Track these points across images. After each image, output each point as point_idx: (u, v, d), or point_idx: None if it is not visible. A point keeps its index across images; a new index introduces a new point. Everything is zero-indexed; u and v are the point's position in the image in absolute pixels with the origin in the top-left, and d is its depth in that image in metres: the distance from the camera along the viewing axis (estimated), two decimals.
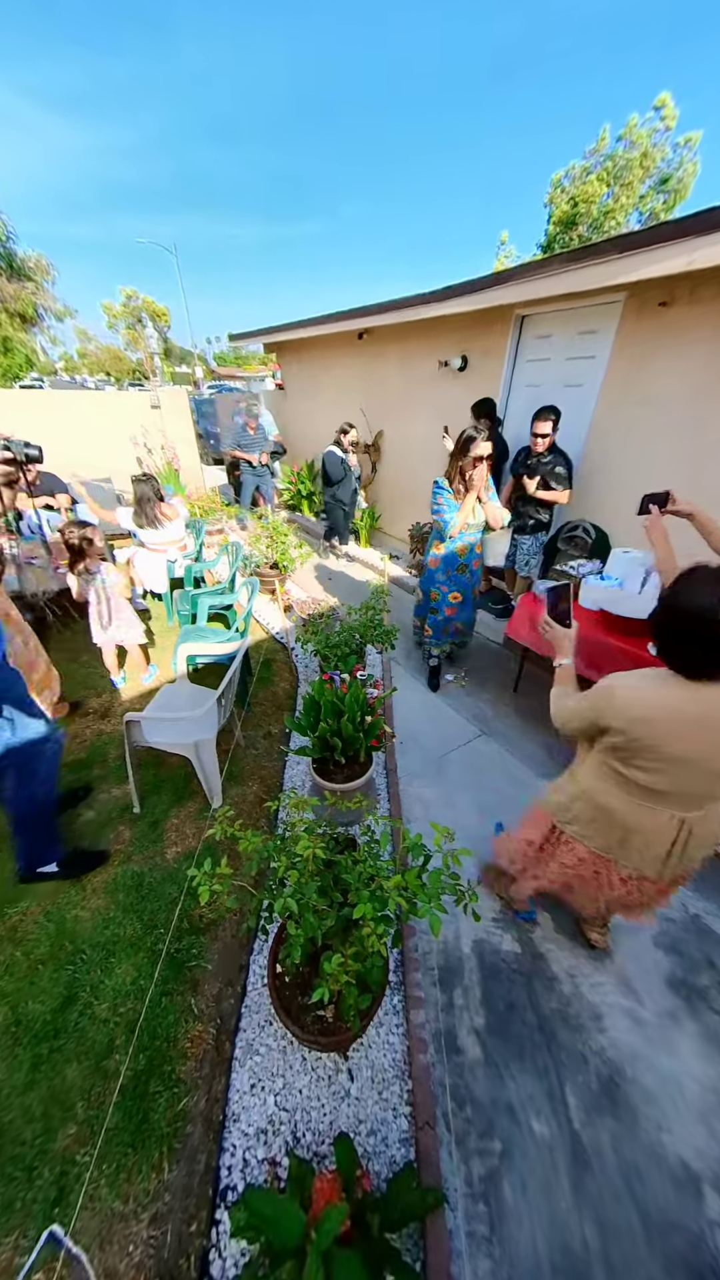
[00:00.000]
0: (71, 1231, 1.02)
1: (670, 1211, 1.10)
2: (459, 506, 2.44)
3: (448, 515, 2.46)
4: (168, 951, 1.52)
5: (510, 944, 1.66)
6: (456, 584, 2.73)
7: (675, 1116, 1.25)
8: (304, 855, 1.12)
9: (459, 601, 2.77)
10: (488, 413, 3.61)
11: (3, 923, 1.61)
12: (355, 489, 5.14)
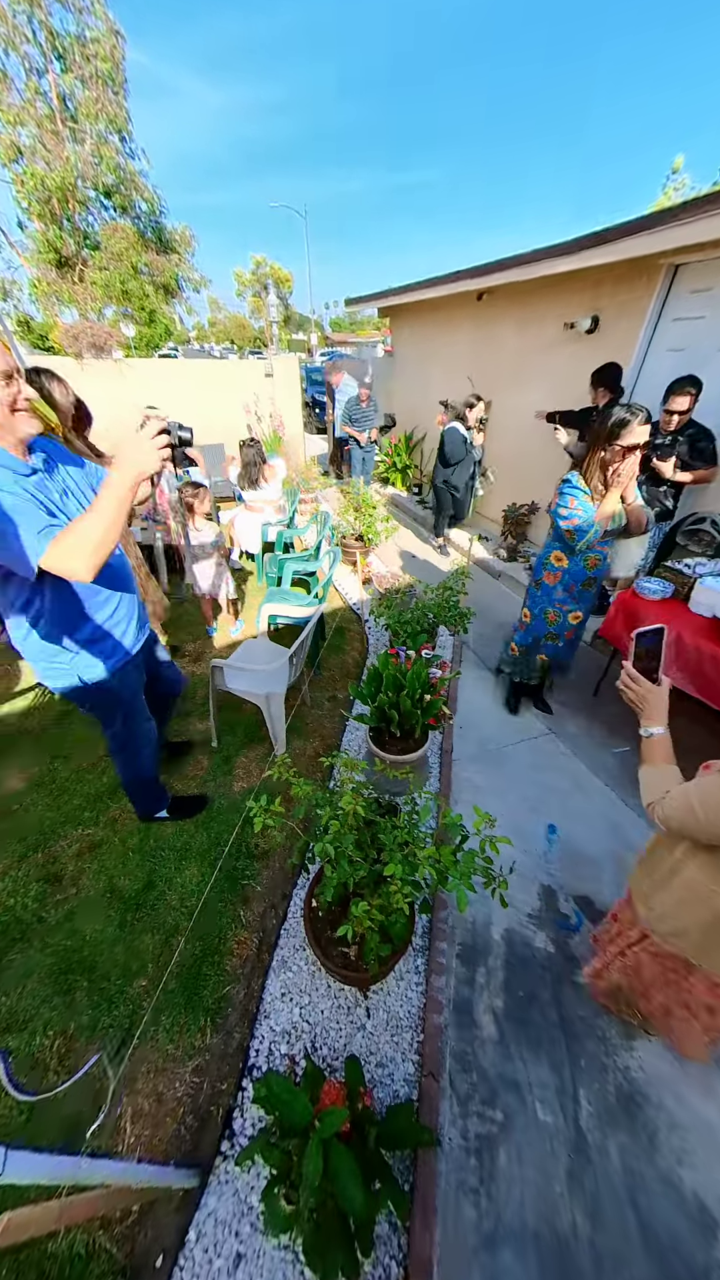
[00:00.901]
0: (131, 1058, 1.30)
1: (675, 1236, 1.07)
2: (596, 510, 1.90)
3: (583, 521, 1.91)
4: (225, 867, 1.76)
5: (544, 942, 1.64)
6: (583, 601, 2.20)
7: (703, 1156, 1.19)
8: (346, 810, 1.22)
9: (579, 622, 2.26)
10: (608, 382, 3.21)
11: (105, 814, 1.98)
12: (473, 473, 4.59)
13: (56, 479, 1.18)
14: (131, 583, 1.44)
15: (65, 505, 1.17)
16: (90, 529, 0.99)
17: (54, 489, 1.15)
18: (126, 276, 11.94)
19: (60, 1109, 1.20)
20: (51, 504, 1.11)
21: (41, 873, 1.76)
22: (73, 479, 1.23)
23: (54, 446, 1.23)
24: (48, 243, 11.08)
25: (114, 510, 0.99)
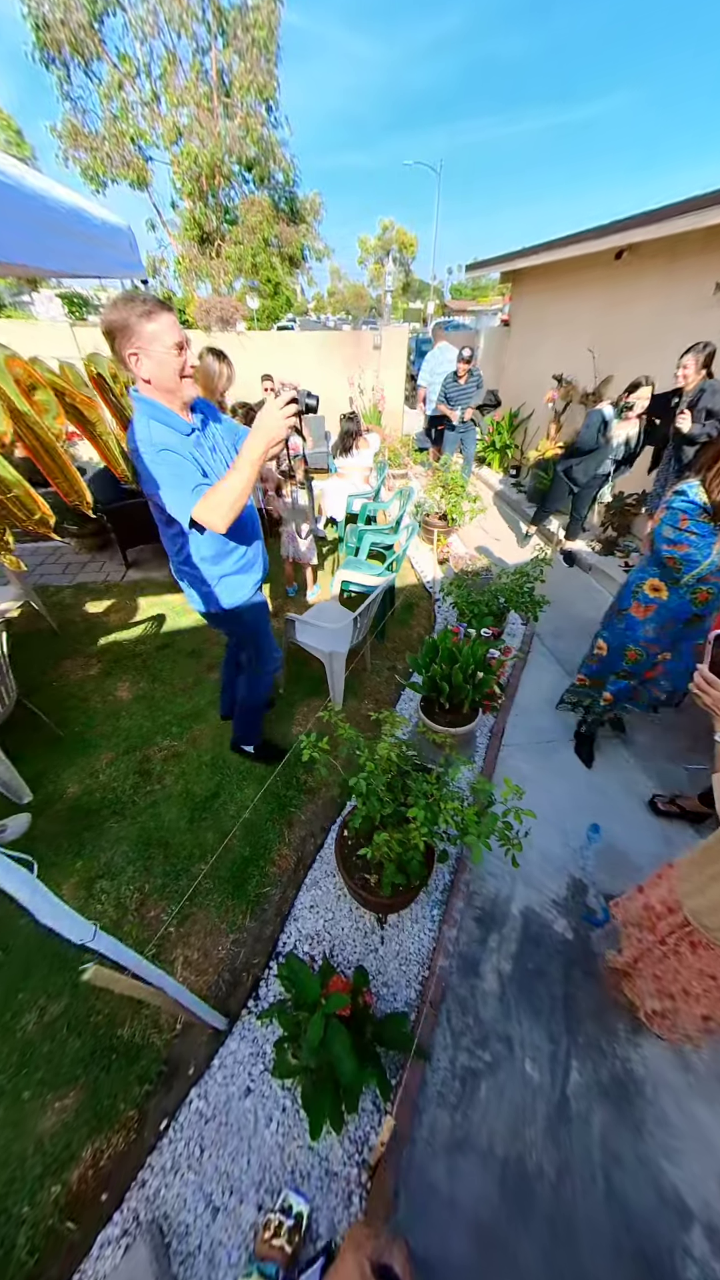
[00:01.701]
0: (188, 920, 1.60)
1: (643, 1213, 1.11)
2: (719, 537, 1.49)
3: (697, 549, 1.53)
4: (277, 796, 2.02)
5: (563, 929, 1.66)
6: (682, 645, 1.81)
7: (690, 1159, 1.19)
8: (382, 755, 1.35)
9: (669, 661, 1.87)
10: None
11: (189, 732, 2.35)
12: (607, 474, 3.73)
13: (208, 435, 1.35)
14: (259, 531, 1.61)
15: (213, 460, 1.34)
16: (229, 489, 1.13)
17: (205, 444, 1.33)
18: (257, 249, 12.48)
19: (127, 941, 1.54)
20: (203, 459, 1.28)
21: (137, 767, 2.17)
22: (219, 435, 1.41)
23: (208, 407, 1.40)
24: (193, 220, 11.92)
25: (249, 472, 1.11)
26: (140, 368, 1.15)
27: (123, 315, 1.07)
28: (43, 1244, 1.04)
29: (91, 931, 0.79)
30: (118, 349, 1.12)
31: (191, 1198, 1.11)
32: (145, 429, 1.20)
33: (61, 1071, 1.28)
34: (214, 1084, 1.28)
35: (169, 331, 1.11)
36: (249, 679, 1.95)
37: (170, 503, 1.21)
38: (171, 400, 1.23)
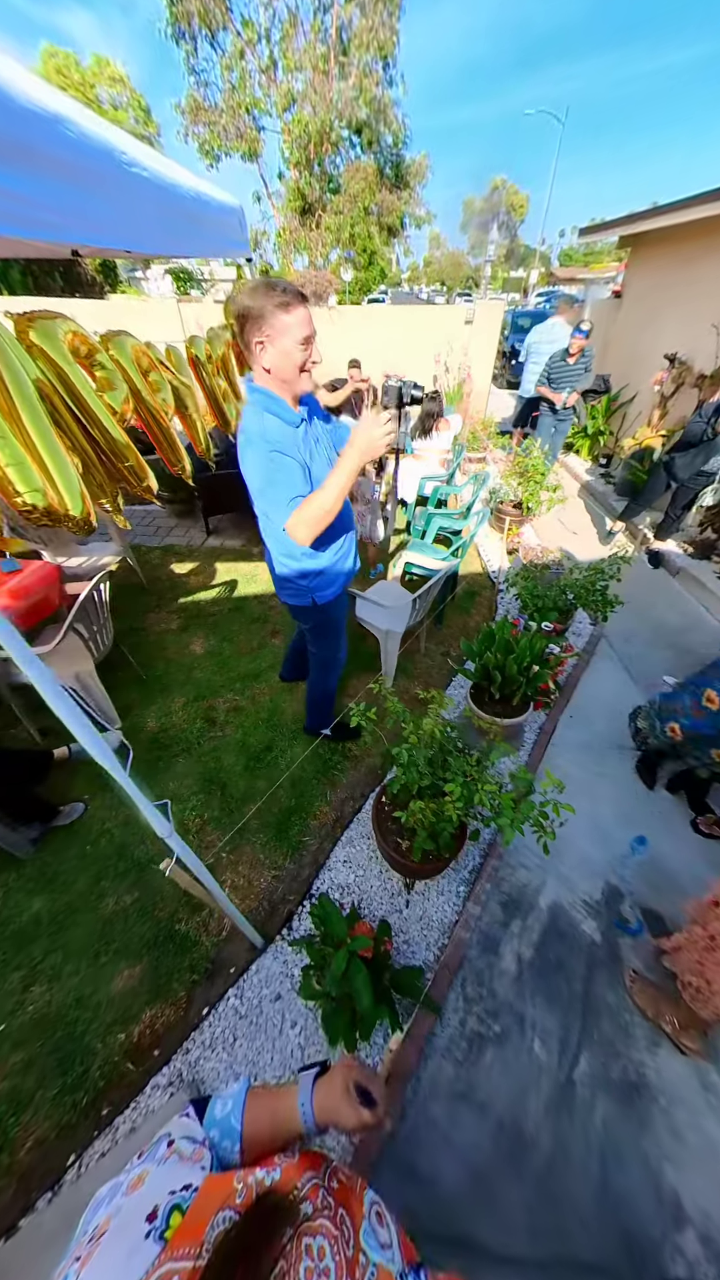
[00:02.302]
0: (236, 849, 1.81)
1: (635, 1204, 1.14)
2: None
3: None
4: (323, 754, 2.17)
5: (592, 930, 1.65)
6: None
7: (696, 1172, 1.19)
8: (426, 730, 1.42)
9: None
10: None
11: (250, 689, 2.56)
12: (714, 472, 3.43)
13: (312, 430, 1.34)
14: (353, 522, 1.61)
15: (316, 453, 1.32)
16: (319, 505, 1.13)
17: (309, 439, 1.32)
18: (356, 219, 12.27)
19: None
20: (305, 454, 1.26)
21: (203, 715, 2.42)
22: (321, 431, 1.41)
23: (312, 400, 1.40)
24: (297, 190, 11.95)
25: (341, 487, 1.11)
26: (264, 356, 1.14)
27: (259, 303, 1.06)
28: (110, 1074, 1.30)
29: (169, 829, 0.96)
30: (245, 334, 1.11)
31: (223, 1073, 1.31)
32: (259, 422, 1.20)
33: (130, 948, 1.54)
34: (249, 987, 1.47)
35: (301, 325, 1.10)
36: (320, 671, 2.00)
37: (268, 508, 1.21)
38: (285, 391, 1.23)
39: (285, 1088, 0.58)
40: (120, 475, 1.06)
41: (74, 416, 0.94)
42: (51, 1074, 1.30)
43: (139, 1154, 0.45)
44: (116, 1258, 0.33)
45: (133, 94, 14.18)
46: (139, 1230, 0.35)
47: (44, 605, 2.25)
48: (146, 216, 1.19)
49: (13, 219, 0.72)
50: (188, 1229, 0.35)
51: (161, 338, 1.77)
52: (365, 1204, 0.50)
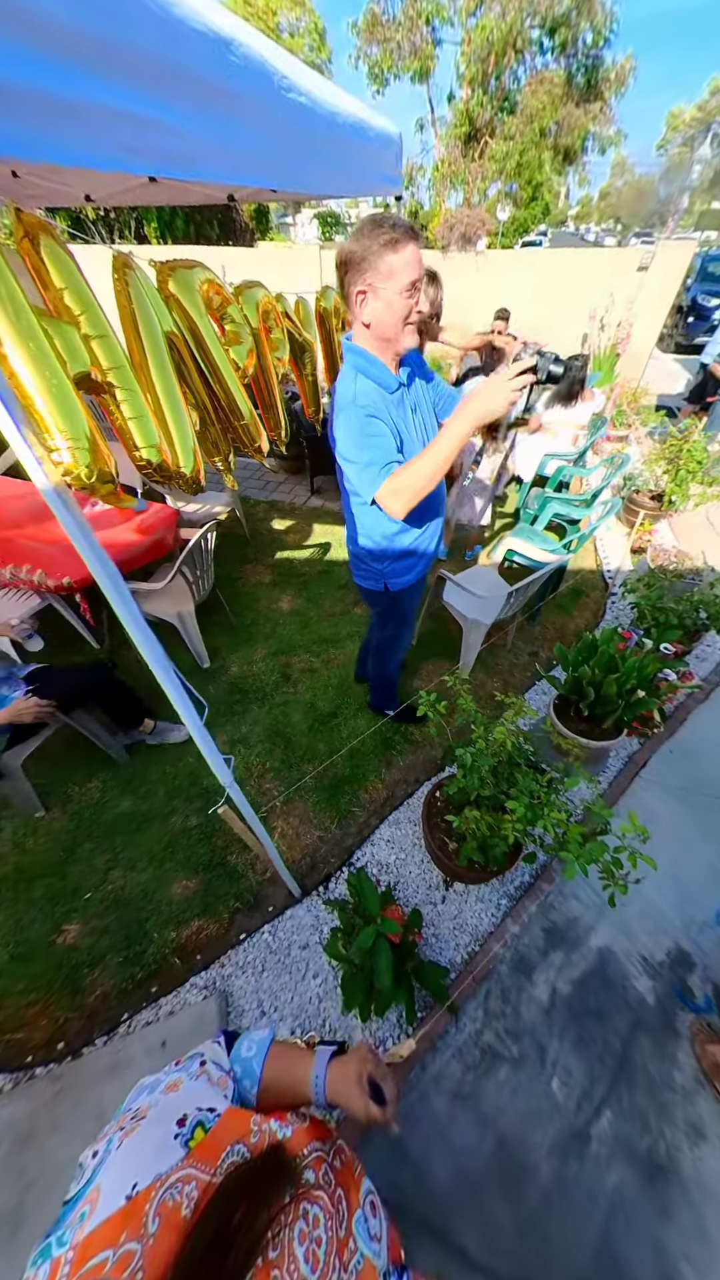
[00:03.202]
0: (289, 803, 1.91)
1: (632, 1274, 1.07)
2: None
3: None
4: (385, 733, 2.17)
5: (645, 990, 1.49)
6: None
7: None
8: (497, 738, 1.32)
9: None
10: None
11: (326, 654, 2.62)
12: None
13: (411, 393, 1.23)
14: (443, 506, 1.49)
15: (411, 421, 1.21)
16: (418, 474, 1.04)
17: (407, 403, 1.21)
18: (527, 144, 10.78)
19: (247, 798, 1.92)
20: (401, 421, 1.17)
21: (280, 669, 2.54)
22: (422, 394, 1.27)
23: (416, 359, 1.26)
24: (465, 114, 10.78)
25: (446, 454, 1.01)
26: (364, 308, 1.03)
27: (364, 245, 0.95)
28: (160, 961, 1.51)
29: (229, 780, 1.03)
30: (347, 284, 1.02)
31: (250, 995, 1.45)
32: (352, 385, 1.11)
33: (190, 864, 1.74)
34: (282, 929, 1.59)
35: (409, 268, 0.96)
36: (380, 654, 1.95)
37: (356, 477, 1.13)
38: (385, 350, 1.11)
39: (304, 1053, 0.61)
40: (235, 433, 1.07)
41: (199, 371, 0.95)
42: (118, 945, 1.55)
43: (176, 1061, 0.51)
44: (150, 1144, 0.39)
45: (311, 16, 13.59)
46: (169, 1129, 0.40)
47: (161, 545, 2.48)
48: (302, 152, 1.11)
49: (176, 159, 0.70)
50: (207, 1147, 0.40)
51: (298, 288, 1.73)
52: (361, 1192, 0.51)
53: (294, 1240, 0.39)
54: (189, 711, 0.88)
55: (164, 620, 2.33)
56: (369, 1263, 0.45)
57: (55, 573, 2.04)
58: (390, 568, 1.48)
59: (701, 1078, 1.31)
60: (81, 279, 0.68)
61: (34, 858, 1.75)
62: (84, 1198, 0.36)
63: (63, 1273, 0.32)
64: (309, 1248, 0.40)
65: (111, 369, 0.69)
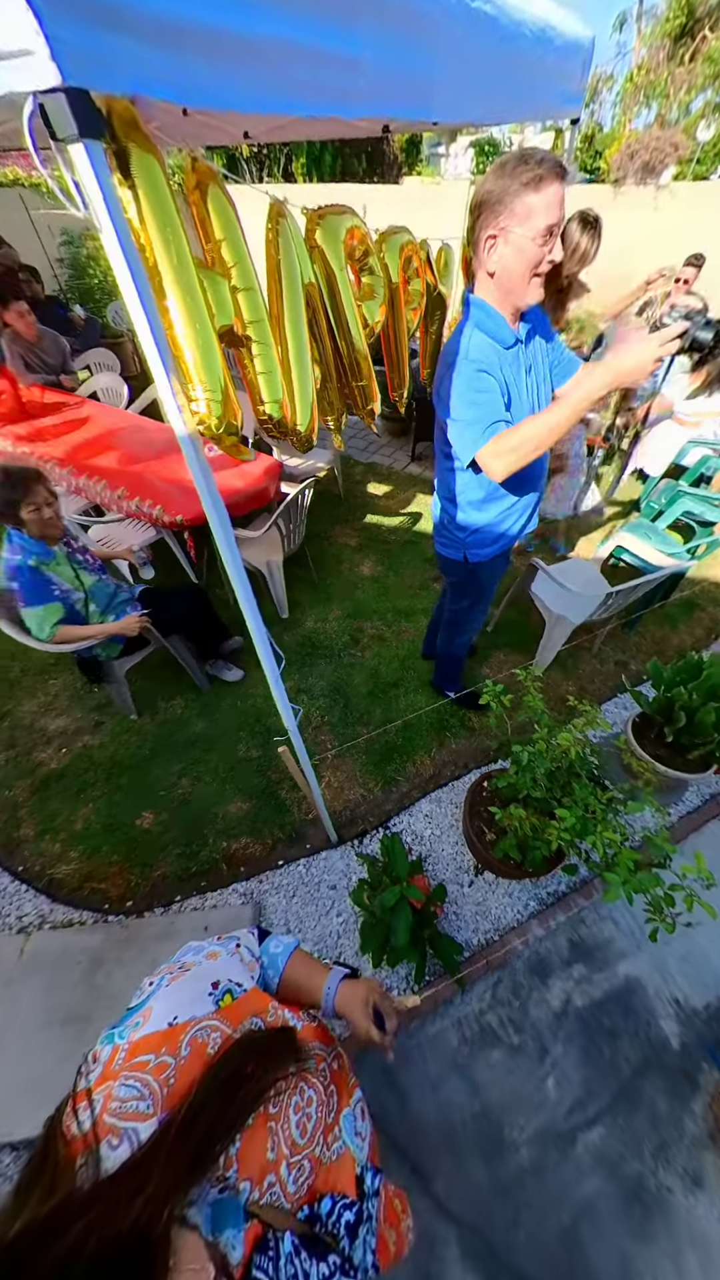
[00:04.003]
0: (338, 759, 2.02)
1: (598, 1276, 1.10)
2: None
3: None
4: (443, 714, 2.17)
5: (671, 1032, 1.41)
6: None
7: None
8: (560, 743, 1.26)
9: None
10: None
11: (398, 625, 2.63)
12: None
13: (528, 351, 1.15)
14: (542, 478, 1.41)
15: (524, 382, 1.15)
16: (532, 436, 0.98)
17: (522, 363, 1.14)
18: None
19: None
20: (513, 381, 1.11)
21: (351, 632, 2.61)
22: (540, 355, 1.19)
23: (538, 315, 1.17)
24: (684, 2, 8.79)
25: (568, 417, 0.94)
26: (491, 256, 0.97)
27: (503, 184, 0.87)
28: (210, 863, 1.74)
29: (294, 727, 1.11)
30: (478, 229, 0.96)
31: (280, 913, 1.63)
32: (468, 339, 1.06)
33: (245, 789, 1.94)
34: (315, 866, 1.74)
35: (549, 210, 0.88)
36: (450, 629, 1.91)
37: (457, 436, 1.09)
38: (506, 302, 1.04)
39: (322, 966, 0.68)
40: (351, 393, 1.07)
41: (328, 326, 0.95)
42: (180, 840, 1.80)
43: (217, 936, 0.61)
44: (189, 993, 0.47)
45: None
46: (205, 987, 0.48)
47: (263, 495, 2.60)
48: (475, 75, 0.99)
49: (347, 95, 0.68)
50: (232, 1011, 0.47)
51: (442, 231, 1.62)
52: (353, 1098, 0.59)
53: (290, 1107, 0.46)
54: (268, 657, 0.96)
55: (253, 568, 2.49)
56: (349, 1152, 0.52)
57: (172, 509, 2.24)
58: (473, 537, 1.43)
59: (714, 1134, 1.24)
60: (239, 231, 0.70)
61: (126, 752, 2.06)
62: (140, 1011, 0.45)
63: (119, 1058, 0.41)
64: (301, 1118, 0.47)
65: (252, 322, 0.72)
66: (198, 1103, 0.38)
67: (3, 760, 2.03)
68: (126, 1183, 0.33)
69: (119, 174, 0.51)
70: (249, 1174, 0.40)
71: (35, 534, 1.64)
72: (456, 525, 1.42)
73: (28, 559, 1.64)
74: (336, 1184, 0.48)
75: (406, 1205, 0.59)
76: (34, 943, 1.51)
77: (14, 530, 1.63)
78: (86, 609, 1.82)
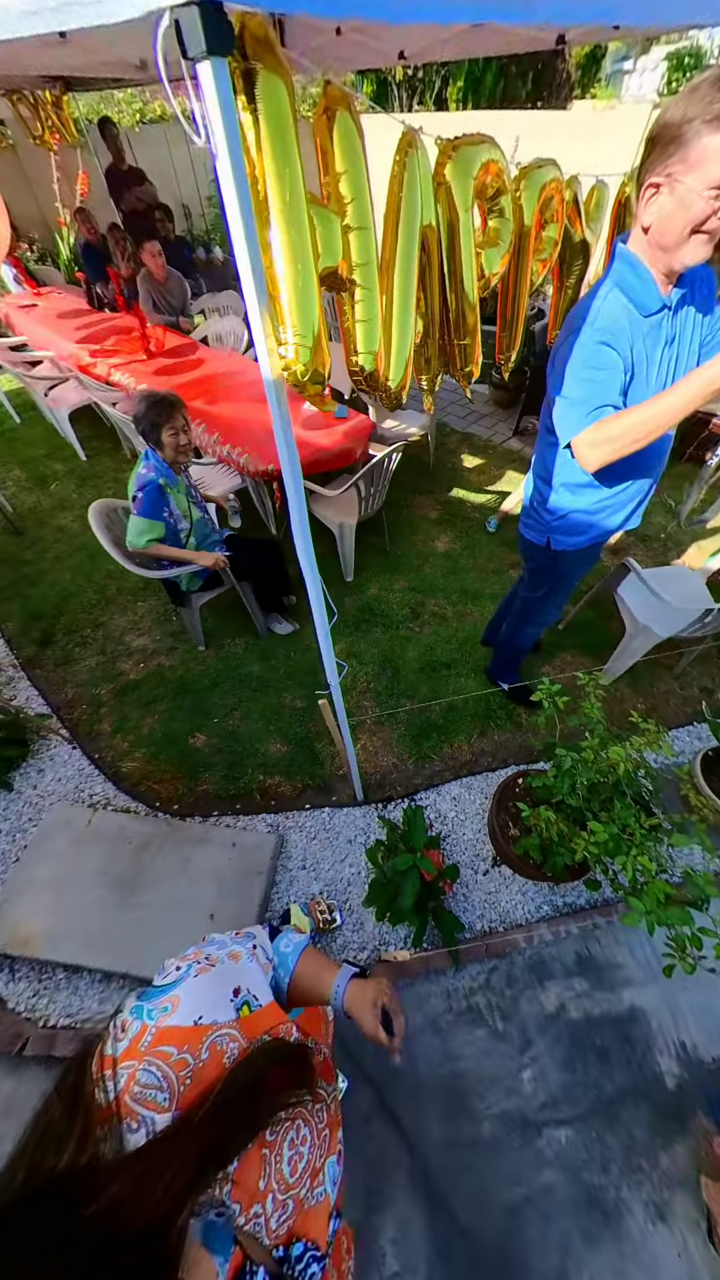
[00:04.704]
0: (375, 724, 2.06)
1: (533, 1259, 1.14)
2: None
3: None
4: (490, 704, 2.11)
5: (668, 1067, 1.35)
6: None
7: None
8: (612, 758, 1.18)
9: None
10: None
11: (462, 607, 2.56)
12: None
13: (674, 322, 1.00)
14: (658, 468, 1.25)
15: (658, 357, 1.01)
16: (635, 425, 0.89)
17: (663, 334, 0.99)
18: None
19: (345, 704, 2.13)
20: (645, 353, 0.99)
21: (413, 605, 2.58)
22: (691, 324, 1.03)
23: (705, 277, 0.98)
24: None
25: (680, 408, 0.83)
26: (649, 207, 0.83)
27: (683, 114, 0.71)
28: (246, 789, 1.90)
29: (335, 682, 1.15)
30: (643, 172, 0.82)
31: (299, 850, 1.75)
32: (601, 301, 0.95)
33: (286, 733, 2.06)
34: (339, 817, 1.83)
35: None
36: (518, 617, 1.81)
37: (561, 415, 0.99)
38: (659, 260, 0.90)
39: (331, 964, 0.68)
40: (450, 352, 1.00)
41: (441, 275, 0.89)
42: (224, 764, 1.98)
43: (236, 933, 0.62)
44: (213, 995, 0.48)
45: None
46: (228, 992, 0.49)
47: (349, 454, 2.59)
48: None
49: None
50: (249, 1023, 0.48)
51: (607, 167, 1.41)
52: (338, 1138, 0.58)
53: (284, 1142, 0.45)
54: (320, 611, 0.99)
55: (326, 527, 2.52)
56: (328, 1198, 0.52)
57: (265, 458, 2.31)
58: (561, 522, 1.32)
59: (695, 1178, 1.19)
60: (363, 164, 0.67)
61: (191, 678, 2.27)
62: (170, 994, 0.46)
63: (145, 1039, 0.42)
64: (293, 1155, 0.45)
65: (360, 265, 0.70)
66: (220, 1101, 0.38)
67: (95, 664, 2.33)
68: (149, 1164, 0.33)
69: (243, 97, 0.51)
70: (240, 1197, 0.39)
71: (168, 458, 1.82)
72: (546, 507, 1.33)
73: (158, 478, 1.81)
74: (310, 1231, 0.46)
75: (352, 1245, 0.59)
76: (99, 818, 1.77)
77: (151, 450, 1.81)
78: (186, 540, 1.99)
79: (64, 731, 2.06)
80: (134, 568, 1.96)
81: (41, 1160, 0.32)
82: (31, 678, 2.28)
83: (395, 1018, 0.65)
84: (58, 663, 2.34)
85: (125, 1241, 0.28)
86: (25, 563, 2.82)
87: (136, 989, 0.49)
